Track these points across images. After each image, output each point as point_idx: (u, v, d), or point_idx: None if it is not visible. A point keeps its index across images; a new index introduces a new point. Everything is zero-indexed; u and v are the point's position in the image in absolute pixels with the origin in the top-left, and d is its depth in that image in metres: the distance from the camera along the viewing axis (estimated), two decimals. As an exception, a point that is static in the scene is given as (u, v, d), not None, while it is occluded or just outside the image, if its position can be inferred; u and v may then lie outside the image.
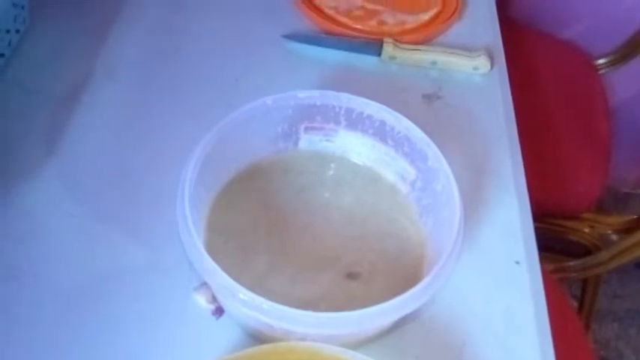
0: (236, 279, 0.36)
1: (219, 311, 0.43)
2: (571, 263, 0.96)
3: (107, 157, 0.52)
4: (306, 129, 0.48)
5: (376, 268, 0.44)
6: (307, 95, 0.46)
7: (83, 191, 0.49)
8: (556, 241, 1.03)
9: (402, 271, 0.44)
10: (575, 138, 0.93)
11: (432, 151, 0.44)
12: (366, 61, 0.62)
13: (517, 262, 0.47)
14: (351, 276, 0.44)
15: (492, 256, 0.48)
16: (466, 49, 0.62)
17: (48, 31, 0.60)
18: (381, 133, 0.47)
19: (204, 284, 0.44)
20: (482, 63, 0.61)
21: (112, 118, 0.54)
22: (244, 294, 0.35)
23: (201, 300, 0.44)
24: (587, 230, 0.99)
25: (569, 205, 0.93)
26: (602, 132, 0.97)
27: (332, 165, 0.49)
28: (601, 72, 1.06)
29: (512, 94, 0.61)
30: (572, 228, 1.00)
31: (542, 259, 0.49)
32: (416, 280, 0.41)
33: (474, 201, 0.50)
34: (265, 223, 0.45)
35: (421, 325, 0.44)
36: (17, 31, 0.57)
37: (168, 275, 0.45)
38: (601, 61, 1.06)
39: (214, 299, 0.43)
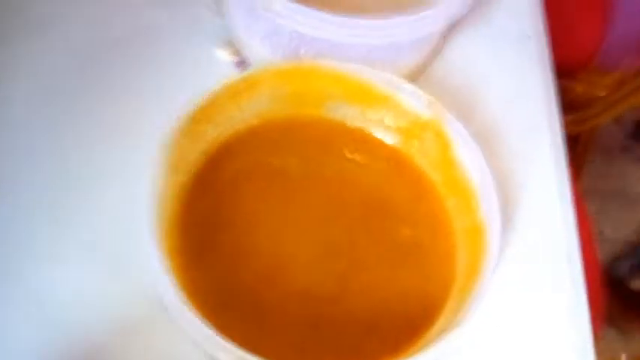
0: None
1: (241, 64, 0.45)
2: (565, 118, 0.99)
3: None
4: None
5: None
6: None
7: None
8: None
9: None
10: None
11: None
12: None
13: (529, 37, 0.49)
14: None
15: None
16: None
17: None
18: None
19: (228, 42, 0.45)
20: None
21: None
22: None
23: (224, 54, 0.45)
24: (580, 88, 1.02)
25: (568, 57, 0.95)
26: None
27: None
28: None
29: None
30: (567, 87, 1.03)
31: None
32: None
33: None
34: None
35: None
36: None
37: (188, 33, 0.46)
38: None
39: (238, 52, 0.45)
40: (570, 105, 1.05)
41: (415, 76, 0.44)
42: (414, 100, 0.38)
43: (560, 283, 0.40)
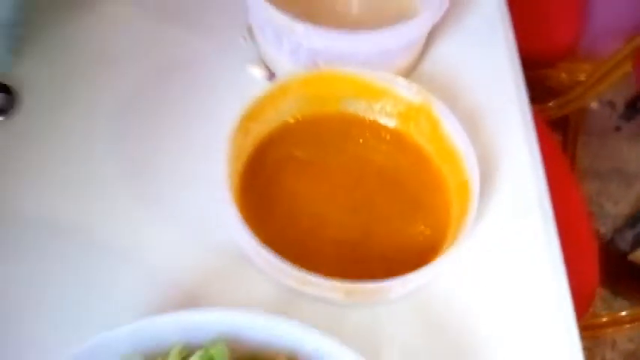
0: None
1: (271, 77, 0.57)
2: (550, 104, 1.09)
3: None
4: None
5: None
6: None
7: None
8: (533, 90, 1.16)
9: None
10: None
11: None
12: None
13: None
14: None
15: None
16: None
17: None
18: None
19: (259, 61, 0.57)
20: None
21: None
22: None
23: (256, 70, 0.57)
24: (564, 75, 1.13)
25: (547, 52, 1.06)
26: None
27: None
28: None
29: None
30: (552, 75, 1.14)
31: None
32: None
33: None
34: None
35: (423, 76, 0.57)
36: None
37: (227, 56, 0.58)
38: None
39: (267, 68, 0.57)
40: (555, 90, 1.16)
41: (407, 74, 0.56)
42: (407, 91, 0.49)
43: (534, 228, 0.51)
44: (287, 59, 0.52)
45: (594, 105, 1.56)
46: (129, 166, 0.51)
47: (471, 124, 0.51)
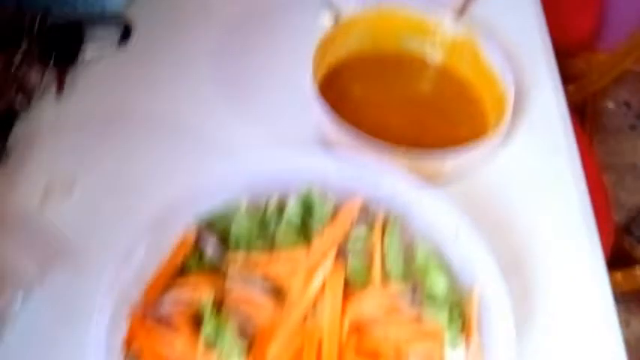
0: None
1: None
2: (568, 87, 1.20)
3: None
4: None
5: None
6: None
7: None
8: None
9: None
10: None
11: None
12: None
13: None
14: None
15: None
16: None
17: None
18: None
19: (328, 9, 0.69)
20: None
21: None
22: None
23: (326, 17, 0.68)
24: (583, 65, 1.24)
25: (571, 42, 1.17)
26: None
27: None
28: None
29: None
30: (572, 63, 1.24)
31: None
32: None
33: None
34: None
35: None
36: None
37: (301, 6, 0.70)
38: None
39: (336, 14, 0.68)
40: (574, 76, 1.27)
41: (460, 15, 0.67)
42: (454, 25, 0.61)
43: (557, 146, 0.62)
44: (354, 2, 0.64)
45: (611, 105, 1.66)
46: (224, 82, 0.63)
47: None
